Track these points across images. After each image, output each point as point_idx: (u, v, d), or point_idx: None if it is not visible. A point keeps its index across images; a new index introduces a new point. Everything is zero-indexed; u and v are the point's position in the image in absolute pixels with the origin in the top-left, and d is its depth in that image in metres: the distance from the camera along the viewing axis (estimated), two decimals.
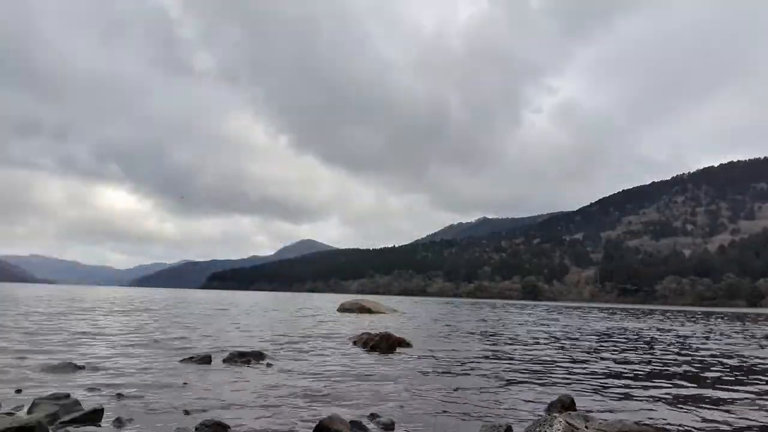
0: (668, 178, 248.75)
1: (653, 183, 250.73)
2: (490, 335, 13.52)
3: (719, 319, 32.01)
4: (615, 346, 11.76)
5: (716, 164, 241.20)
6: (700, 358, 9.81)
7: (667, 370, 7.99)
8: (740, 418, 4.82)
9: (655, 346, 11.94)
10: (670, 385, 6.51)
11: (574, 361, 8.62)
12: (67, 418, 3.78)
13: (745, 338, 15.58)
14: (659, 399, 5.63)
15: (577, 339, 13.29)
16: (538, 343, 11.64)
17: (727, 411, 5.13)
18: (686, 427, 4.46)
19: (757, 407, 5.33)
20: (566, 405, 4.71)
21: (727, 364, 8.99)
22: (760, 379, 7.24)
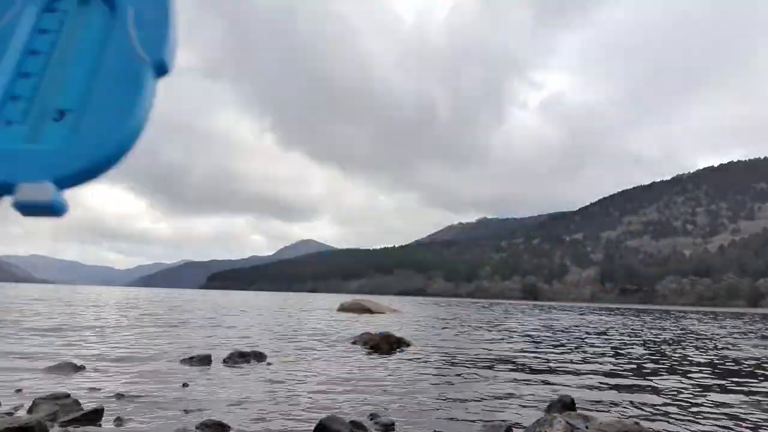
0: (668, 178, 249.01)
1: (653, 183, 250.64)
2: (490, 335, 13.51)
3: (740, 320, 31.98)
4: (615, 346, 11.76)
5: (716, 164, 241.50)
6: (711, 358, 9.81)
7: (671, 371, 7.99)
8: (746, 420, 4.82)
9: (661, 346, 11.93)
10: (673, 387, 6.51)
11: (575, 361, 8.61)
12: (67, 418, 3.77)
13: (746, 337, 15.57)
14: (661, 399, 5.62)
15: (577, 339, 13.28)
16: (537, 343, 11.63)
17: (734, 413, 5.12)
18: (687, 429, 4.46)
19: (761, 410, 5.32)
20: (566, 405, 4.70)
21: (746, 365, 8.99)
22: None
